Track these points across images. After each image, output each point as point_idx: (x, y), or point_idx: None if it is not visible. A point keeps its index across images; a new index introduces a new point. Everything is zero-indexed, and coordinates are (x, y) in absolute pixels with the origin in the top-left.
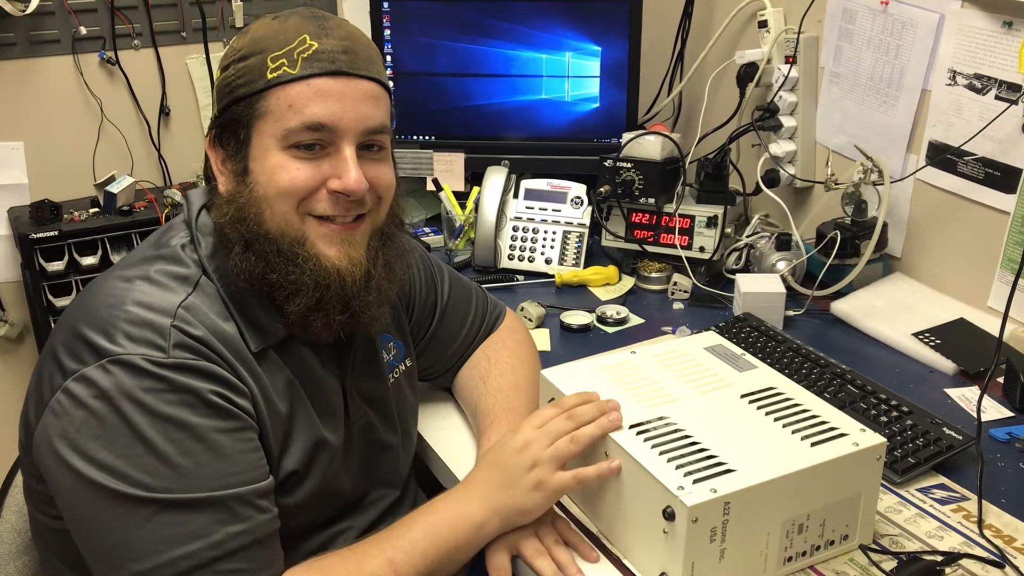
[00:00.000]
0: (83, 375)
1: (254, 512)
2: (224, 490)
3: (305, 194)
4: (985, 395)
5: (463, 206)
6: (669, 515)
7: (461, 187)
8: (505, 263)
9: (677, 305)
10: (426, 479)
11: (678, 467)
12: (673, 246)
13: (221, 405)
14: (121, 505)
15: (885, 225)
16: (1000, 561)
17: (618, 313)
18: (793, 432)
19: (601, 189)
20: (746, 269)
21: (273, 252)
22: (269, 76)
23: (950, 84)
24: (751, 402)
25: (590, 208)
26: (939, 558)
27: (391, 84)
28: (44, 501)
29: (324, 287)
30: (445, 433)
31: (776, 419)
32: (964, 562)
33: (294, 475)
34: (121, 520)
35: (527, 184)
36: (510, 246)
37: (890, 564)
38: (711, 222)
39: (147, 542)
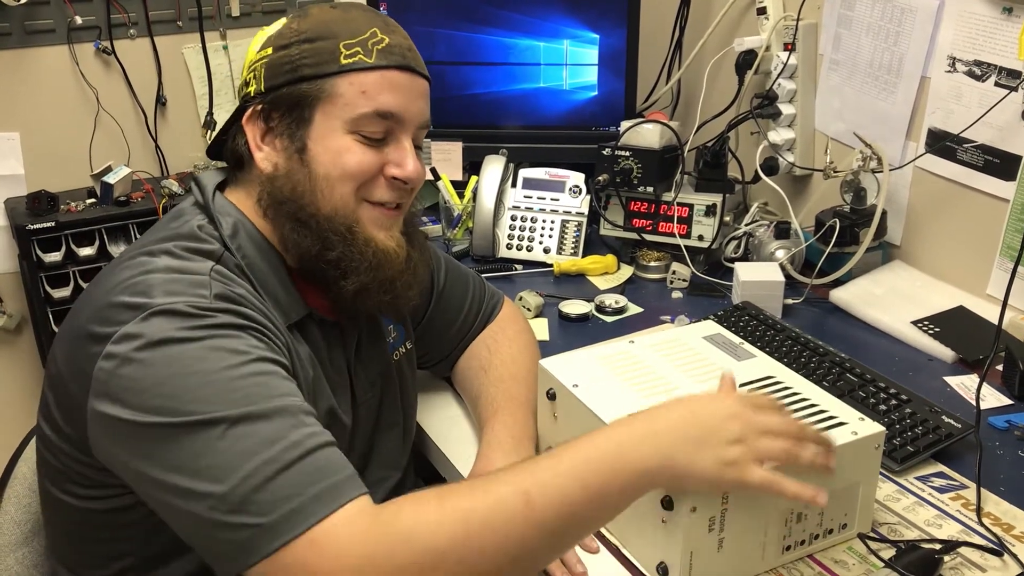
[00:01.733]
0: (123, 332)
1: (316, 422)
2: (284, 402)
3: (366, 178)
4: (984, 383)
5: (461, 195)
6: (668, 504)
7: (459, 176)
8: (503, 252)
9: (676, 294)
10: (422, 469)
11: None
12: (672, 235)
13: (264, 342)
14: (187, 435)
15: (884, 213)
16: (998, 549)
17: (617, 302)
18: None
19: (599, 178)
20: (745, 258)
21: (328, 230)
22: (343, 61)
23: (949, 71)
24: (750, 391)
25: (588, 197)
26: (938, 546)
27: None
28: (81, 482)
29: (376, 267)
30: (444, 423)
31: None
32: (963, 550)
33: None
34: (192, 449)
35: (525, 173)
36: (508, 235)
37: (889, 552)
38: (710, 210)
39: (224, 460)
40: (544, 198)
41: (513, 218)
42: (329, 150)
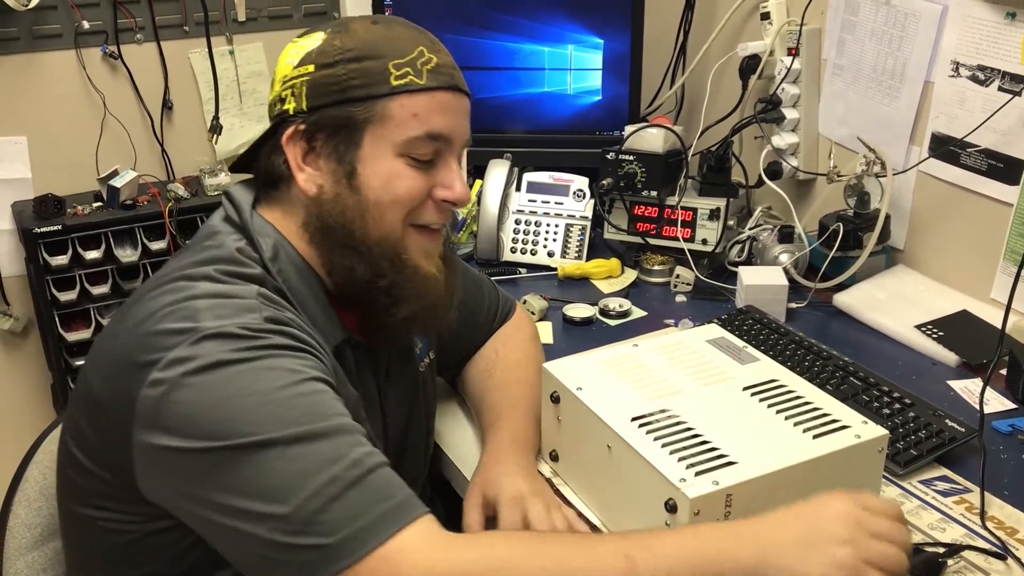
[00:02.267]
0: (172, 357)
1: (368, 442)
2: (342, 419)
3: (416, 204)
4: (988, 387)
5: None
6: (671, 507)
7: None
8: (507, 256)
9: (679, 298)
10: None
11: (680, 459)
12: (675, 239)
13: (316, 363)
14: (246, 457)
15: (888, 217)
16: (1002, 553)
17: (620, 306)
18: (795, 424)
19: (603, 182)
20: (748, 261)
21: (379, 257)
22: (394, 83)
23: (953, 76)
24: (753, 394)
25: (592, 201)
26: (941, 549)
27: None
28: (114, 507)
29: (422, 295)
30: (448, 427)
31: (778, 411)
32: (967, 554)
33: None
34: (252, 471)
35: (529, 177)
36: (512, 239)
37: None
38: (714, 214)
39: (285, 480)
40: (548, 202)
41: (517, 222)
42: (379, 175)
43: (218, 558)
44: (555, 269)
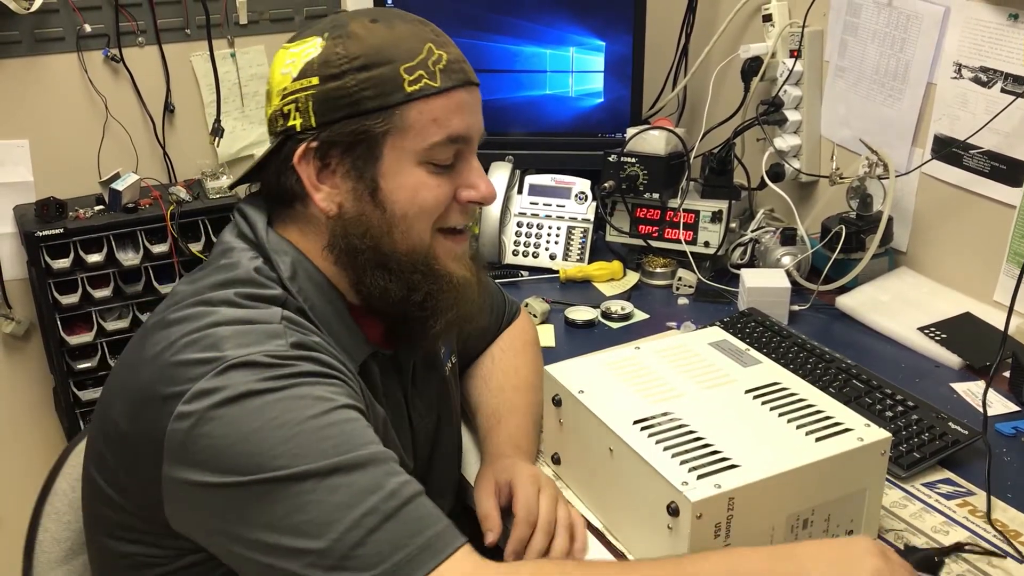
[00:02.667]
0: (198, 389)
1: (402, 469)
2: (375, 448)
3: (442, 211)
4: (991, 389)
5: None
6: (673, 511)
7: None
8: (509, 259)
9: (682, 300)
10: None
11: (682, 463)
12: (678, 241)
13: (345, 389)
14: (280, 491)
15: (890, 219)
16: (1001, 553)
17: (622, 308)
18: (798, 427)
19: (605, 184)
20: (751, 264)
21: (410, 271)
22: (409, 89)
23: (955, 77)
24: (755, 397)
25: (594, 203)
26: (937, 546)
27: None
28: (146, 540)
29: (457, 302)
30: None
31: (780, 414)
32: (970, 557)
33: None
34: (286, 505)
35: (531, 180)
36: (514, 242)
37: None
38: (716, 217)
39: (321, 514)
40: (550, 204)
41: (519, 224)
42: (404, 187)
43: None
44: (557, 272)
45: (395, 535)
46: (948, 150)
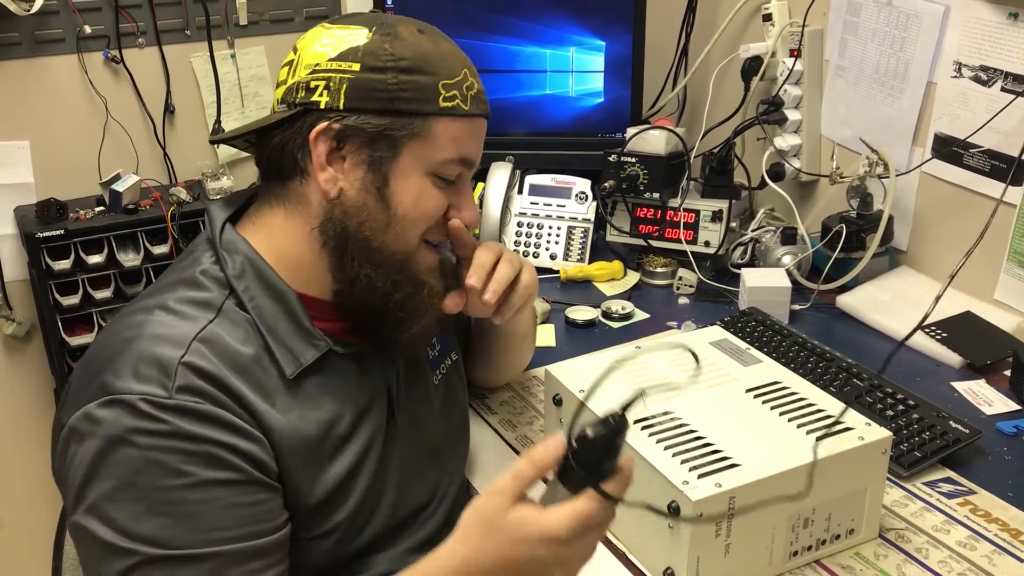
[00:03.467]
0: (85, 412)
1: (246, 572)
2: (211, 547)
3: (434, 222)
4: (992, 388)
5: None
6: (674, 510)
7: None
8: None
9: (682, 300)
10: None
11: (683, 462)
12: (678, 241)
13: (219, 456)
14: (106, 554)
15: (891, 218)
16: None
17: (623, 308)
18: (798, 426)
19: (606, 184)
20: (751, 263)
21: (395, 271)
22: (443, 104)
23: (955, 76)
24: (756, 396)
25: (595, 203)
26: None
27: None
28: None
29: (428, 309)
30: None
31: (781, 413)
32: (971, 555)
33: (331, 498)
34: (105, 570)
35: (531, 180)
36: (515, 242)
37: (897, 557)
38: (716, 216)
39: None
40: (550, 204)
41: (520, 224)
42: (410, 191)
43: None
44: (557, 272)
45: None
46: (948, 149)
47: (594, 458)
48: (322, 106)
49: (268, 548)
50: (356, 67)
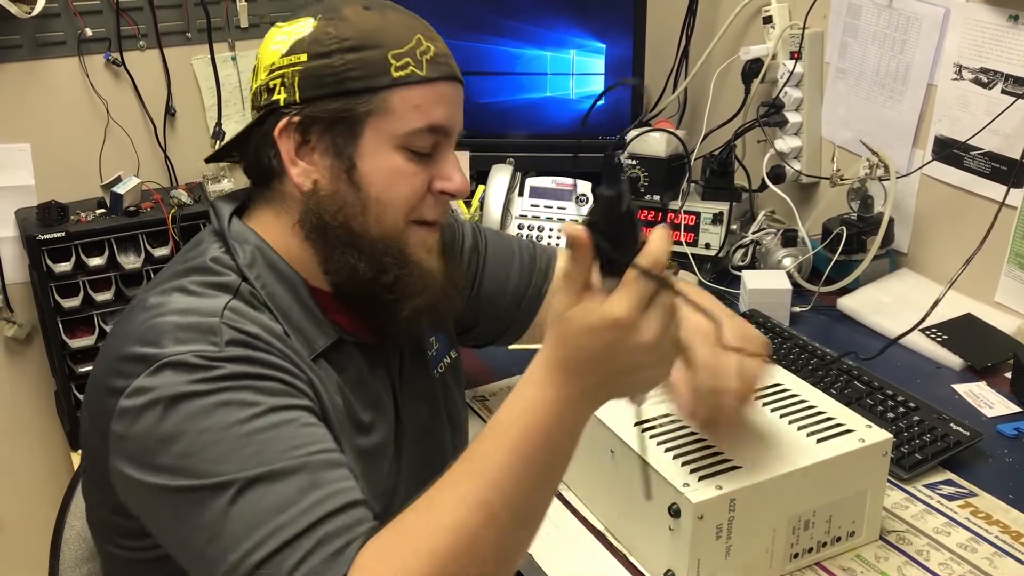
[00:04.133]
0: (135, 387)
1: (338, 477)
2: (299, 459)
3: (417, 201)
4: (992, 390)
5: (468, 204)
6: (675, 512)
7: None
8: None
9: None
10: None
11: (684, 464)
12: (679, 243)
13: (282, 388)
14: (200, 500)
15: (891, 220)
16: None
17: None
18: (799, 428)
19: None
20: (752, 266)
21: (381, 253)
22: (395, 74)
23: (956, 79)
24: (756, 399)
25: None
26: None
27: None
28: (124, 534)
29: (424, 290)
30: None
31: (782, 415)
32: (972, 557)
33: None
34: (205, 516)
35: (532, 182)
36: None
37: (897, 559)
38: (717, 219)
39: (236, 527)
40: (551, 207)
41: (520, 227)
42: (380, 170)
43: None
44: None
45: (296, 555)
46: (949, 151)
47: (612, 234)
48: (282, 103)
49: (347, 466)
50: (304, 58)
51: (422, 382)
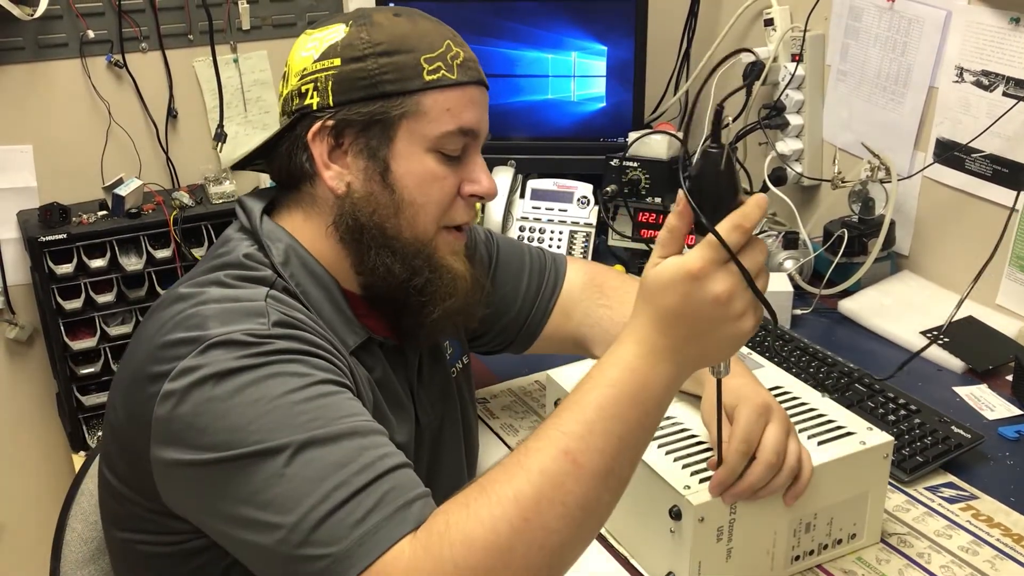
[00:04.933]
0: (181, 367)
1: (388, 443)
2: (352, 423)
3: (448, 205)
4: (994, 393)
5: None
6: (676, 514)
7: None
8: None
9: None
10: None
11: (684, 466)
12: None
13: (327, 366)
14: (254, 466)
15: (892, 223)
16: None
17: None
18: (800, 431)
19: (608, 188)
20: None
21: (413, 256)
22: (427, 78)
23: (957, 81)
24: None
25: (597, 208)
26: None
27: None
28: (148, 528)
29: (453, 294)
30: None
31: None
32: (974, 560)
33: None
34: (257, 481)
35: (533, 184)
36: None
37: (898, 562)
38: None
39: (291, 489)
40: (552, 209)
41: (521, 229)
42: (413, 172)
43: None
44: None
45: (361, 510)
46: (950, 154)
47: (708, 192)
48: (314, 107)
49: (385, 433)
50: (338, 62)
51: (438, 385)
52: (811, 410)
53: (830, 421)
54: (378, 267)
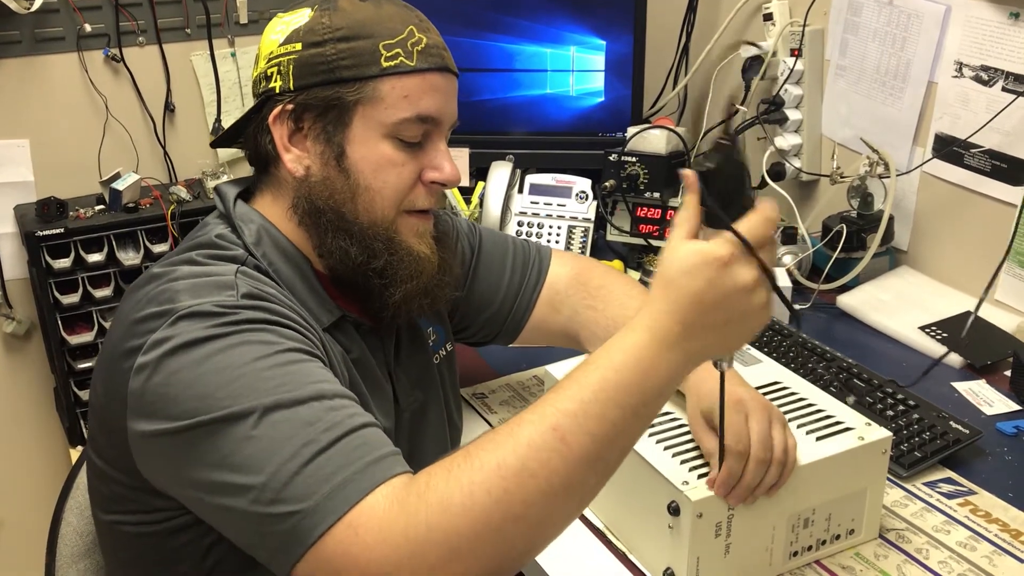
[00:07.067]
0: (152, 340)
1: (355, 404)
2: (318, 386)
3: (406, 191)
4: (992, 388)
5: (468, 201)
6: (674, 510)
7: (466, 182)
8: None
9: None
10: None
11: (683, 462)
12: None
13: (297, 336)
14: (224, 430)
15: (891, 218)
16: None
17: None
18: (798, 427)
19: (606, 183)
20: None
21: (371, 239)
22: (385, 64)
23: (956, 76)
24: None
25: (595, 203)
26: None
27: None
28: (132, 508)
29: (416, 275)
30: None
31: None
32: (971, 555)
33: None
34: (229, 444)
35: (532, 179)
36: None
37: (897, 558)
38: None
39: (261, 448)
40: (551, 204)
41: (520, 224)
42: (369, 158)
43: (242, 552)
44: None
45: (331, 465)
46: (949, 149)
47: (718, 185)
48: (277, 91)
49: (354, 398)
50: (299, 46)
51: (418, 368)
52: (809, 405)
53: (828, 416)
54: (335, 250)
